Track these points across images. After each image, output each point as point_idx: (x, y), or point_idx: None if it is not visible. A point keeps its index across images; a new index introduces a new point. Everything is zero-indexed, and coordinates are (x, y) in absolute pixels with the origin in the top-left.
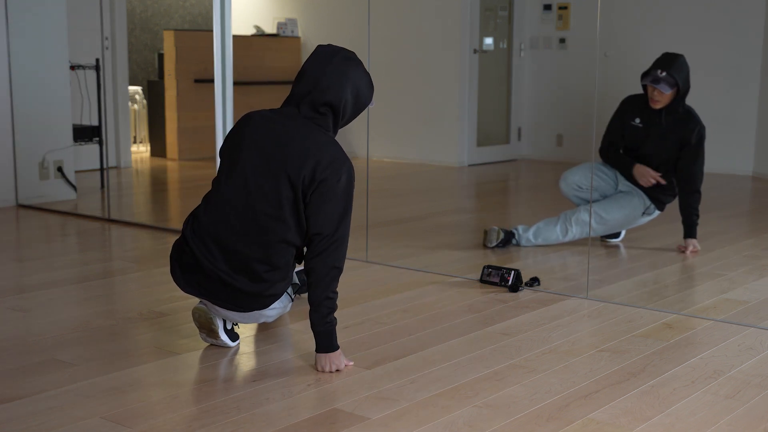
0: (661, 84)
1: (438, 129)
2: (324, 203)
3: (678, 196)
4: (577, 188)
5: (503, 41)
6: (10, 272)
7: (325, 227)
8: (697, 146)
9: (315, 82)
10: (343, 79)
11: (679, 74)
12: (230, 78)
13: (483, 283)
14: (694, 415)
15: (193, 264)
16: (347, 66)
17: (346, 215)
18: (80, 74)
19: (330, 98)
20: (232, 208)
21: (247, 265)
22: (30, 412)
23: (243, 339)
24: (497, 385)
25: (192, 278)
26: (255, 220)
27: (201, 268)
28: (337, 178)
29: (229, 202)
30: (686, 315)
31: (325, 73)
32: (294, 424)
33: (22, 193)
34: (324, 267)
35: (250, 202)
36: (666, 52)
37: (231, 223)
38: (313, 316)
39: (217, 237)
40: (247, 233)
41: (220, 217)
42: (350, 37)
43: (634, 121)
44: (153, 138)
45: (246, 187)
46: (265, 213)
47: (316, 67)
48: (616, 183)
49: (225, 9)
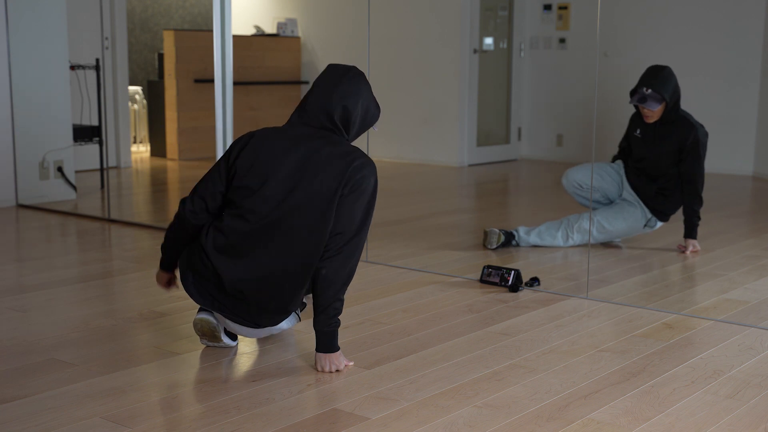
0: (648, 102)
1: (438, 129)
2: (354, 203)
3: (682, 198)
4: (578, 186)
5: (503, 41)
6: (10, 272)
7: (347, 227)
8: (693, 150)
9: (328, 96)
10: (355, 95)
11: (665, 89)
12: (230, 78)
13: (483, 283)
14: (694, 415)
15: (210, 276)
16: (359, 83)
17: (368, 218)
18: (80, 74)
19: (343, 112)
20: (267, 225)
21: (274, 283)
22: (30, 412)
23: (243, 339)
24: (497, 385)
25: (206, 289)
26: (292, 237)
27: (220, 283)
28: (369, 180)
29: (262, 217)
30: (686, 315)
31: (338, 88)
32: (294, 424)
33: (22, 193)
34: (341, 269)
35: (287, 219)
36: (651, 66)
37: (262, 239)
38: (318, 318)
39: (244, 253)
40: (281, 252)
41: (249, 233)
42: (350, 36)
43: (636, 133)
44: (153, 138)
45: (282, 204)
46: (303, 229)
47: (328, 82)
48: (621, 187)
49: (225, 9)
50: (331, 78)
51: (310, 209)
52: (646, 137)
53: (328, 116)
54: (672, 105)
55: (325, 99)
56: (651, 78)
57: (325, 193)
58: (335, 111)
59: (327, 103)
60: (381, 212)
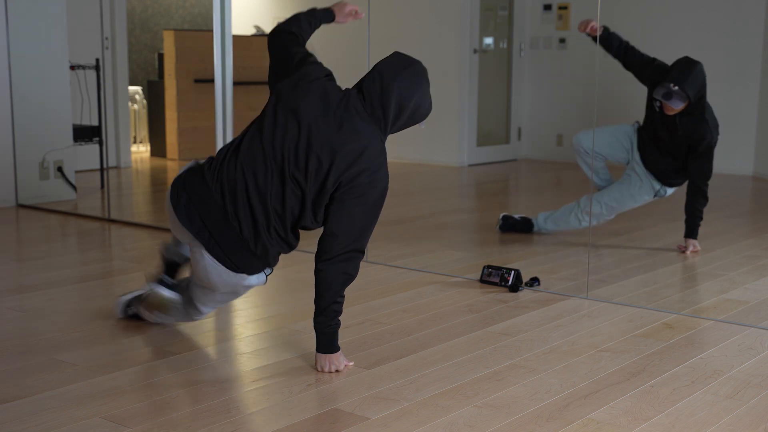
0: (673, 100)
1: (438, 129)
2: (349, 204)
3: (686, 194)
4: (585, 153)
5: (503, 41)
6: (10, 272)
7: (348, 228)
8: (706, 151)
9: (387, 85)
10: (412, 89)
11: (692, 87)
12: (230, 78)
13: (483, 283)
14: (694, 415)
15: (213, 199)
16: (420, 79)
17: (372, 223)
18: (80, 74)
19: (396, 105)
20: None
21: (268, 222)
22: (30, 412)
23: (243, 339)
24: (497, 385)
25: (197, 214)
26: (295, 181)
27: (224, 205)
28: (376, 183)
29: (275, 161)
30: (686, 315)
31: (395, 81)
32: (294, 424)
33: (22, 193)
34: (341, 272)
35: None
36: (682, 59)
37: (270, 185)
38: (318, 319)
39: (249, 195)
40: (283, 192)
41: (262, 177)
42: (350, 37)
43: (655, 103)
44: (153, 138)
45: (290, 149)
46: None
47: (390, 71)
48: (630, 154)
49: (225, 9)
50: (394, 67)
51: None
52: (664, 119)
53: (381, 104)
54: (695, 102)
55: (381, 87)
56: (680, 74)
57: (326, 168)
58: (390, 102)
59: (383, 91)
60: (381, 212)
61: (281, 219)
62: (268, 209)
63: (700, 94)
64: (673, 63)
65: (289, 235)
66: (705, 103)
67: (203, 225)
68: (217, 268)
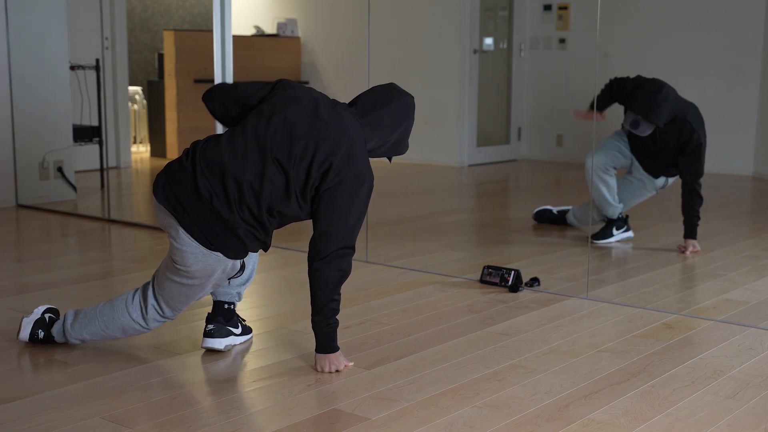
0: (640, 128)
1: (438, 129)
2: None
3: (681, 195)
4: (602, 170)
5: (503, 41)
6: (10, 272)
7: (339, 225)
8: (694, 151)
9: (382, 105)
10: (401, 118)
11: (658, 117)
12: (230, 78)
13: (483, 283)
14: (694, 416)
15: (187, 181)
16: (408, 112)
17: (361, 219)
18: (80, 74)
19: (384, 119)
20: (261, 149)
21: (241, 196)
22: (30, 412)
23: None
24: (497, 385)
25: (172, 192)
26: (277, 163)
27: (187, 177)
28: (362, 178)
29: (258, 144)
30: (686, 315)
31: (390, 105)
32: (294, 424)
33: (22, 193)
34: (334, 270)
35: (275, 150)
36: (646, 92)
37: (249, 162)
38: (316, 318)
39: (225, 169)
40: (263, 172)
41: (240, 155)
42: (350, 37)
43: (625, 129)
44: (153, 138)
45: (275, 135)
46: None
47: (385, 95)
48: (631, 162)
49: (225, 9)
50: (389, 92)
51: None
52: (644, 138)
53: (372, 118)
54: (667, 122)
55: (374, 103)
56: (644, 105)
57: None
58: (381, 119)
59: (376, 107)
60: (381, 212)
61: (257, 196)
62: (242, 184)
63: (671, 116)
64: (638, 85)
65: (263, 215)
66: (684, 108)
67: (177, 201)
68: (192, 245)
